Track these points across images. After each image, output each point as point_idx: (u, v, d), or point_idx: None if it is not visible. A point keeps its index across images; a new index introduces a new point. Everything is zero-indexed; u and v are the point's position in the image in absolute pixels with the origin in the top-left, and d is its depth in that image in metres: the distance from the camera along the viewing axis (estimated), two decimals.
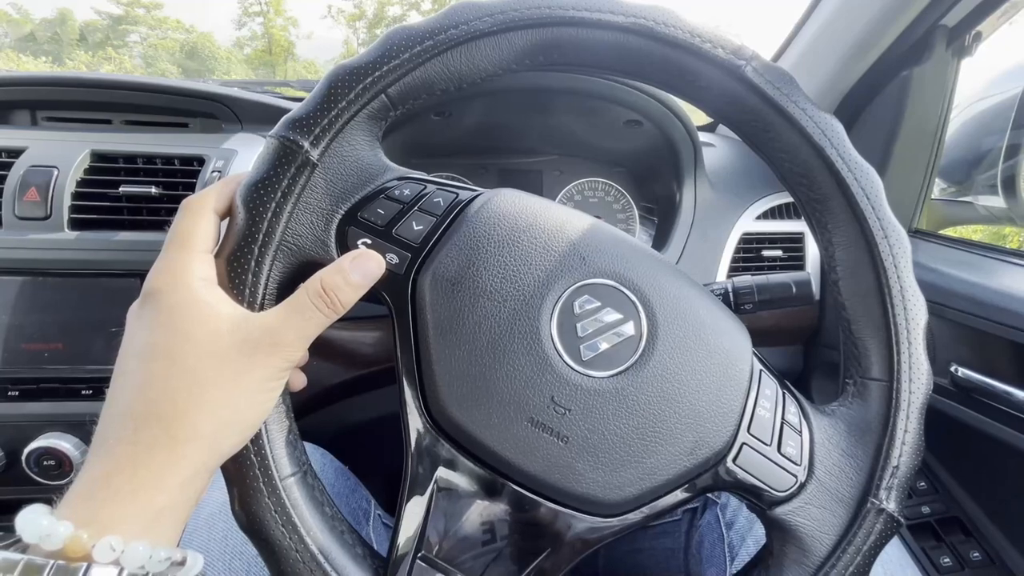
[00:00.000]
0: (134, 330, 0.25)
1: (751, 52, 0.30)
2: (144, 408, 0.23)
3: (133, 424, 0.23)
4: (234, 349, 0.25)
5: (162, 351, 0.24)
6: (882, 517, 0.29)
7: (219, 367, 0.25)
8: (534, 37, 0.29)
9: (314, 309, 0.27)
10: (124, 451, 0.23)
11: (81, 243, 0.52)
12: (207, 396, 0.24)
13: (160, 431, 0.23)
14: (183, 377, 0.24)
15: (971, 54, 0.63)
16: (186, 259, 0.26)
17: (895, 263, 0.30)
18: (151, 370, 0.24)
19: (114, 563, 0.21)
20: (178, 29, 31.68)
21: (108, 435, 0.24)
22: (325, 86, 0.28)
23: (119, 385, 0.24)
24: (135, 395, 0.24)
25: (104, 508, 0.22)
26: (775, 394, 0.31)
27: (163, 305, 0.25)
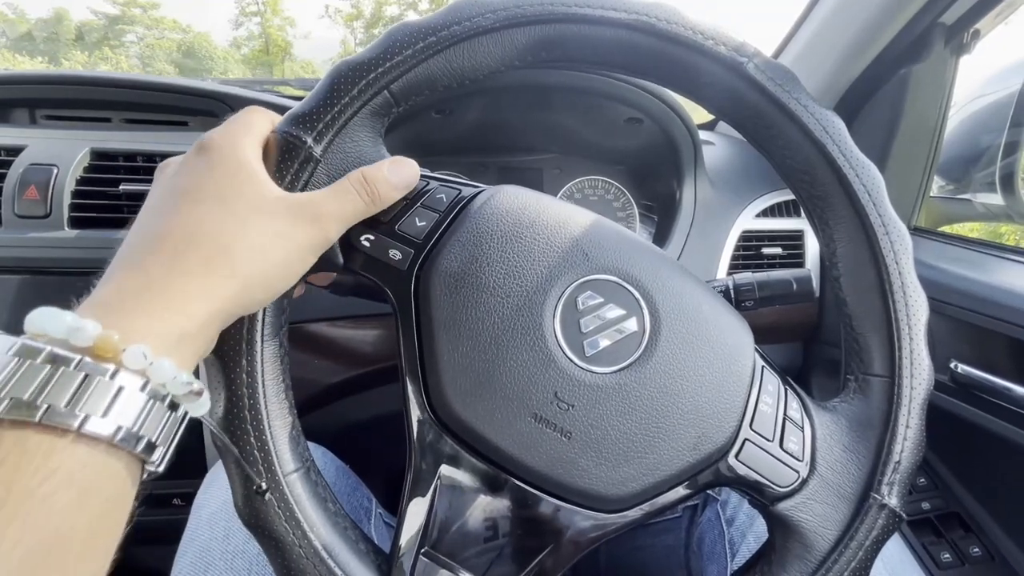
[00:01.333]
0: (180, 173, 0.26)
1: (753, 49, 0.30)
2: (185, 236, 0.24)
3: (172, 248, 0.23)
4: (280, 210, 0.26)
5: (212, 194, 0.25)
6: (884, 512, 0.29)
7: (265, 221, 0.25)
8: (537, 33, 0.29)
9: (355, 193, 0.28)
10: (158, 271, 0.23)
11: (81, 241, 0.52)
12: (249, 241, 0.25)
13: (198, 260, 0.23)
14: (230, 220, 0.25)
15: (969, 52, 0.64)
16: (245, 133, 0.27)
17: (896, 259, 0.30)
18: (198, 208, 0.24)
19: (141, 373, 0.21)
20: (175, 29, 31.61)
21: (140, 253, 0.23)
22: (328, 82, 0.28)
23: (157, 213, 0.25)
24: (177, 224, 0.24)
25: (134, 319, 0.22)
26: (777, 390, 0.31)
27: (219, 157, 0.26)
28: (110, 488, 0.20)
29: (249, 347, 0.27)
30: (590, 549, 0.29)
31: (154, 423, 0.21)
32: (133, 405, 0.20)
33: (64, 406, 0.19)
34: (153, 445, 0.21)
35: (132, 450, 0.20)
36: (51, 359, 0.20)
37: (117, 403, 0.20)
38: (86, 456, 0.19)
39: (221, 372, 0.27)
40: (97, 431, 0.19)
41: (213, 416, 0.27)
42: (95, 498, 0.20)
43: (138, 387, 0.21)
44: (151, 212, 0.25)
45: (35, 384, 0.19)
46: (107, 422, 0.20)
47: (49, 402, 0.19)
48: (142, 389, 0.21)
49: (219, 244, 0.24)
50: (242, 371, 0.27)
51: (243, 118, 0.28)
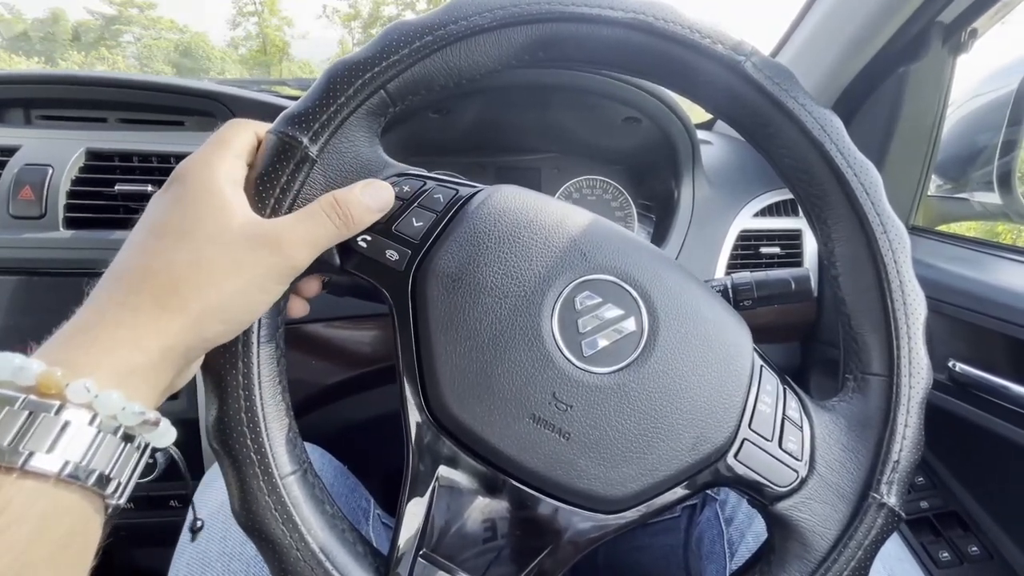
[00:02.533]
0: (152, 208, 0.26)
1: (751, 48, 0.30)
2: (140, 275, 0.24)
3: (126, 287, 0.24)
4: (241, 241, 0.26)
5: (172, 229, 0.25)
6: (883, 511, 0.29)
7: (221, 254, 0.25)
8: (534, 33, 0.29)
9: (325, 217, 0.27)
10: (111, 309, 0.23)
11: (76, 242, 0.52)
12: (202, 277, 0.25)
13: (149, 297, 0.24)
14: (184, 255, 0.25)
15: (967, 51, 0.64)
16: (220, 155, 0.27)
17: (895, 258, 0.30)
18: (157, 243, 0.25)
19: (87, 406, 0.21)
20: (172, 29, 31.53)
21: (99, 293, 0.24)
22: (324, 81, 0.28)
23: (124, 252, 0.25)
24: (135, 262, 0.25)
25: (80, 354, 0.22)
26: (776, 389, 0.31)
27: (184, 189, 0.26)
28: (67, 521, 0.20)
29: (245, 349, 0.27)
30: (589, 550, 0.29)
31: (106, 456, 0.21)
32: (81, 439, 0.21)
33: (7, 444, 0.19)
34: (107, 478, 0.21)
35: (83, 484, 0.21)
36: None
37: (63, 438, 0.20)
38: (35, 492, 0.20)
39: (217, 375, 0.27)
40: (42, 467, 0.20)
41: (209, 419, 0.27)
42: (53, 531, 0.20)
43: (86, 421, 0.21)
44: (123, 249, 0.26)
45: None
46: (53, 458, 0.20)
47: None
48: (91, 423, 0.21)
49: (171, 279, 0.24)
50: (238, 373, 0.27)
51: (221, 135, 0.28)
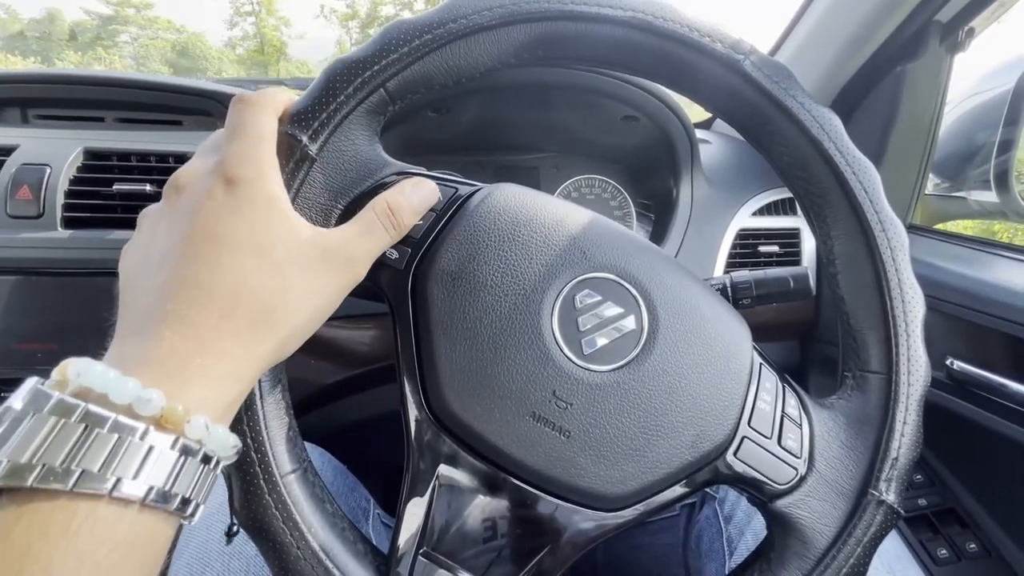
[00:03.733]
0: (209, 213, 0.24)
1: (749, 46, 0.30)
2: (230, 297, 0.23)
3: (219, 306, 0.23)
4: (315, 258, 0.25)
5: (246, 245, 0.24)
6: (882, 509, 0.29)
7: (301, 273, 0.25)
8: (533, 31, 0.29)
9: (382, 228, 0.27)
10: (209, 333, 0.23)
11: (75, 242, 0.52)
12: (290, 303, 0.24)
13: (245, 323, 0.23)
14: (271, 276, 0.24)
15: (964, 50, 0.64)
16: (270, 156, 0.26)
17: (893, 256, 0.30)
18: (238, 260, 0.24)
19: (197, 441, 0.21)
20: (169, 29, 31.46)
21: (187, 306, 0.23)
22: (324, 80, 0.28)
23: (194, 260, 0.23)
24: (220, 278, 0.23)
25: (193, 387, 0.22)
26: (775, 387, 0.31)
27: (249, 195, 0.24)
28: (145, 544, 0.20)
29: None
30: (589, 548, 0.29)
31: (186, 479, 0.21)
32: (164, 464, 0.20)
33: (97, 470, 0.19)
34: (187, 500, 0.21)
35: (166, 508, 0.20)
36: (84, 417, 0.19)
37: (147, 463, 0.20)
38: (120, 517, 0.19)
39: None
40: (129, 493, 0.19)
41: None
42: (135, 555, 0.20)
43: (168, 445, 0.20)
44: (187, 258, 0.23)
45: (68, 448, 0.19)
46: (138, 483, 0.19)
47: (83, 467, 0.19)
48: (173, 447, 0.21)
49: (264, 304, 0.24)
50: None
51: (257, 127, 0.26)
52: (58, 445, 0.19)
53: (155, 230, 0.25)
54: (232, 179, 0.24)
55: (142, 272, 0.24)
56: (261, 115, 0.26)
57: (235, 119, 0.26)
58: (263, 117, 0.26)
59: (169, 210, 0.25)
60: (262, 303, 0.24)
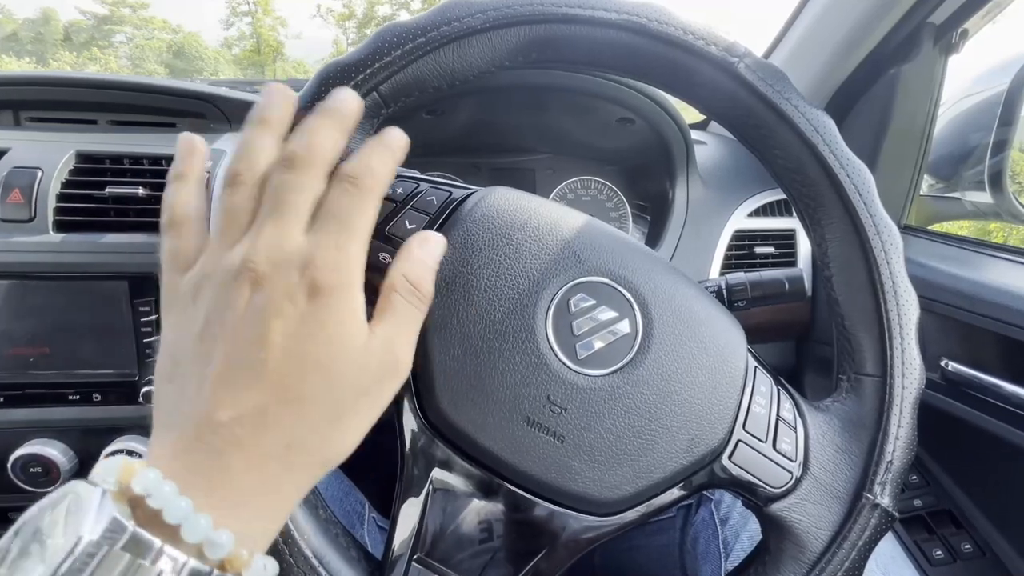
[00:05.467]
0: (289, 321, 0.21)
1: (744, 49, 0.30)
2: (296, 428, 0.21)
3: (282, 434, 0.21)
4: (374, 373, 0.23)
5: (324, 369, 0.22)
6: (877, 512, 0.29)
7: (365, 396, 0.23)
8: (527, 34, 0.29)
9: (412, 309, 0.25)
10: (272, 469, 0.21)
11: (67, 245, 0.51)
12: (351, 429, 0.23)
13: (307, 458, 0.22)
14: (339, 404, 0.22)
15: (958, 51, 0.64)
16: (360, 258, 0.23)
17: (887, 259, 0.31)
18: (309, 386, 0.21)
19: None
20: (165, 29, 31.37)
21: (252, 440, 0.21)
22: (316, 83, 0.28)
23: (265, 382, 0.21)
24: (287, 410, 0.21)
25: (254, 525, 0.21)
26: (770, 391, 0.31)
27: (336, 310, 0.22)
28: None
29: None
30: (584, 552, 0.29)
31: None
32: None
33: None
34: None
35: None
36: (157, 558, 0.18)
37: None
38: None
39: None
40: None
41: None
42: None
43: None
44: (255, 372, 0.21)
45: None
46: None
47: None
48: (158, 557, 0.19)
49: (323, 439, 0.22)
50: None
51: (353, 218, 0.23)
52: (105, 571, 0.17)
53: (220, 315, 0.21)
54: (319, 288, 0.21)
55: (196, 364, 0.21)
56: (369, 199, 0.23)
57: (343, 202, 0.23)
58: (361, 200, 0.23)
59: (239, 298, 0.21)
60: (321, 438, 0.22)
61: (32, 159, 0.52)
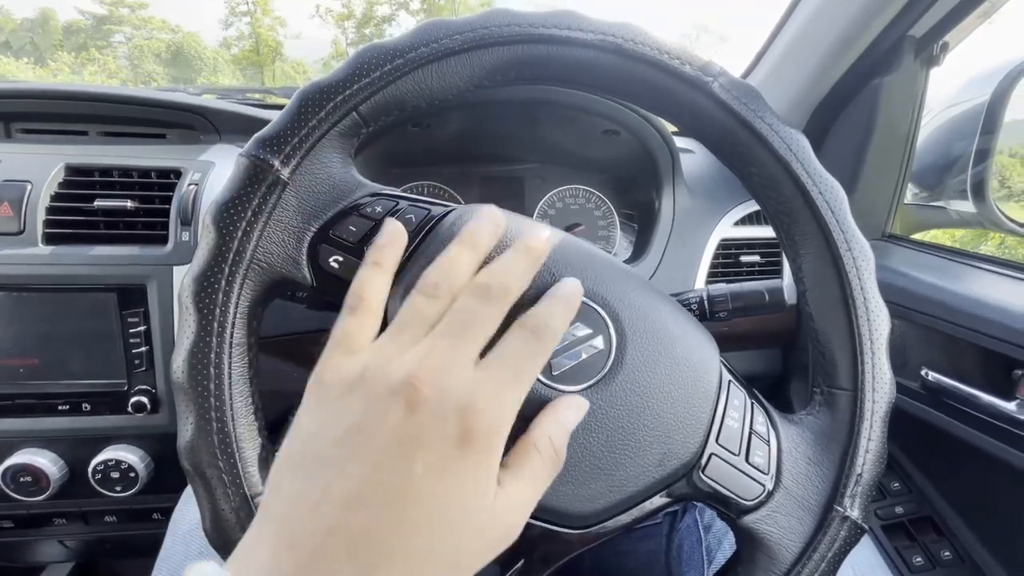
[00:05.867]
0: (434, 464, 0.20)
1: (719, 68, 0.31)
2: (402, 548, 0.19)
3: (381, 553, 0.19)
4: (489, 540, 0.22)
5: (447, 515, 0.20)
6: (846, 524, 0.30)
7: (471, 556, 0.21)
8: (504, 55, 0.29)
9: (546, 473, 0.24)
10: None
11: (56, 258, 0.52)
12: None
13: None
14: (447, 559, 0.20)
15: (939, 63, 0.65)
16: (515, 409, 0.22)
17: (859, 275, 0.31)
18: (433, 532, 0.20)
19: None
20: (164, 29, 31.27)
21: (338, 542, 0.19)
22: (296, 104, 0.28)
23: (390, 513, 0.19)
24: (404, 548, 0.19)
25: None
26: (743, 404, 0.31)
27: (483, 467, 0.21)
28: None
29: (217, 370, 0.27)
30: (560, 564, 0.30)
31: None
32: None
33: None
34: None
35: None
36: None
37: None
38: None
39: (189, 397, 0.27)
40: None
41: (181, 441, 0.27)
42: None
43: None
44: (387, 472, 0.19)
45: None
46: None
47: None
48: None
49: None
50: (210, 395, 0.27)
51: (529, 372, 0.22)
52: None
53: (368, 427, 0.20)
54: (471, 434, 0.20)
55: (328, 470, 0.20)
56: (543, 355, 0.23)
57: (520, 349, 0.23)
58: (543, 356, 0.23)
59: (392, 416, 0.20)
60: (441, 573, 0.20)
61: (22, 172, 0.53)
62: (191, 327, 0.27)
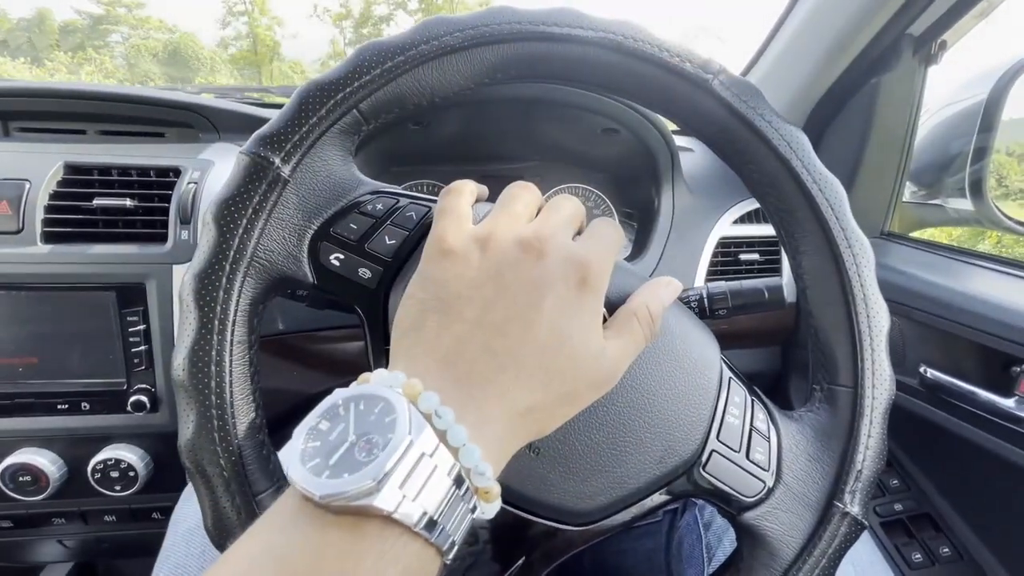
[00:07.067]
0: (559, 299, 0.24)
1: (719, 66, 0.31)
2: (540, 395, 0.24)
3: (527, 402, 0.23)
4: (595, 376, 0.25)
5: (570, 347, 0.24)
6: (847, 520, 0.30)
7: (585, 387, 0.25)
8: (504, 52, 0.29)
9: (642, 336, 0.27)
10: (512, 419, 0.23)
11: (55, 256, 0.52)
12: (561, 410, 0.25)
13: (533, 423, 0.24)
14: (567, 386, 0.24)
15: (937, 62, 0.65)
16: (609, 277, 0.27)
17: (859, 272, 0.31)
18: (559, 360, 0.24)
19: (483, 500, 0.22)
20: (161, 29, 31.19)
21: (516, 394, 0.23)
22: (296, 102, 0.28)
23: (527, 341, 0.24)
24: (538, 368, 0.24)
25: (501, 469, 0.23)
26: (744, 401, 0.31)
27: (588, 305, 0.25)
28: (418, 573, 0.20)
29: (218, 368, 0.27)
30: (562, 560, 0.30)
31: (450, 514, 0.21)
32: (437, 492, 0.20)
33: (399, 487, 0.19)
34: (447, 535, 0.20)
35: (431, 540, 0.20)
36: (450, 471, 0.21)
37: (427, 486, 0.20)
38: (396, 539, 0.19)
39: (190, 394, 0.27)
40: (407, 514, 0.19)
41: (182, 439, 0.27)
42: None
43: (446, 471, 0.20)
44: (525, 306, 0.24)
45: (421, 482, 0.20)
46: (416, 506, 0.19)
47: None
48: (449, 473, 0.21)
49: (548, 416, 0.25)
50: (211, 393, 0.27)
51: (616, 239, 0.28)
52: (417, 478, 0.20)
53: (507, 271, 0.25)
54: (587, 283, 0.25)
55: (472, 306, 0.24)
56: (619, 240, 0.28)
57: (606, 230, 0.28)
58: (619, 243, 0.28)
59: (524, 262, 0.25)
60: (552, 411, 0.24)
61: (20, 170, 0.53)
62: (192, 325, 0.27)
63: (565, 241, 0.26)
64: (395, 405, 0.20)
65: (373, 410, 0.20)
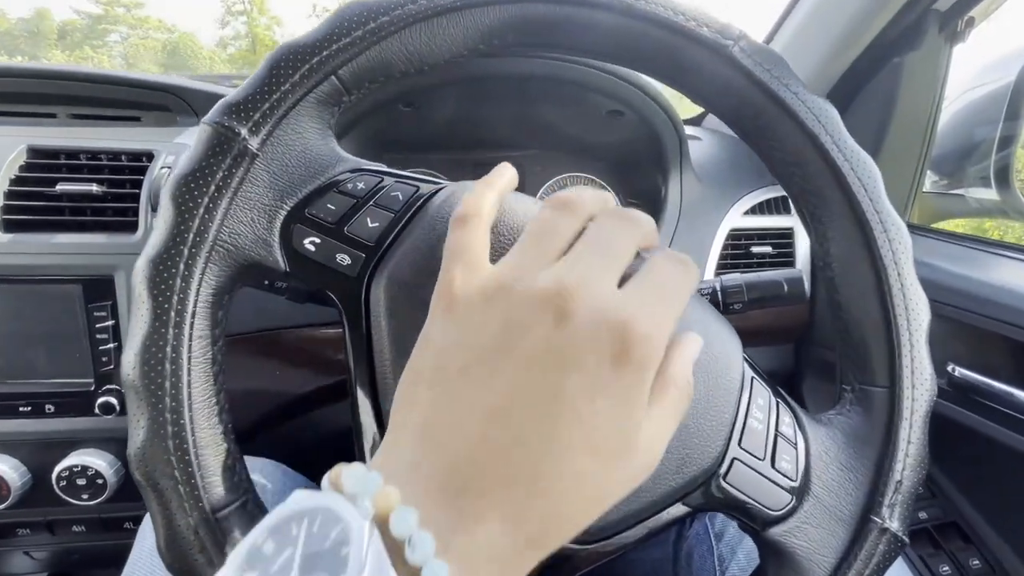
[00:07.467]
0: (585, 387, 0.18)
1: (739, 31, 0.28)
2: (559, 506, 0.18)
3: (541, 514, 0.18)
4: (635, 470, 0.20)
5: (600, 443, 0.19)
6: (885, 537, 0.27)
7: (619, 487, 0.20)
8: (502, 14, 0.27)
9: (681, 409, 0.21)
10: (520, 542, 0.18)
11: (15, 246, 0.49)
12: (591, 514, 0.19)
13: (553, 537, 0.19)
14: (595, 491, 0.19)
15: (964, 40, 0.62)
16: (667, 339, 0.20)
17: (895, 259, 0.28)
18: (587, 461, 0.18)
19: None
20: (159, 29, 31.39)
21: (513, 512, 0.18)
22: (266, 67, 0.26)
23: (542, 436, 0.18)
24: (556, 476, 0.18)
25: None
26: (768, 403, 0.29)
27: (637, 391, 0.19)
28: None
29: (174, 366, 0.24)
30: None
31: None
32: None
33: None
34: None
35: None
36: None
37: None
38: None
39: (141, 396, 0.24)
40: None
41: (131, 447, 0.24)
42: None
43: None
44: (538, 390, 0.18)
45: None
46: None
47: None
48: None
49: (574, 524, 0.19)
50: (164, 394, 0.24)
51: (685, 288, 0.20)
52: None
53: (515, 337, 0.19)
54: (629, 358, 0.18)
55: (471, 386, 0.19)
56: (694, 280, 0.21)
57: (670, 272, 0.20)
58: (693, 283, 0.21)
59: (540, 325, 0.19)
60: (577, 520, 0.18)
61: None
62: (144, 317, 0.24)
63: (602, 292, 0.19)
64: (351, 534, 0.15)
65: (328, 535, 0.16)
